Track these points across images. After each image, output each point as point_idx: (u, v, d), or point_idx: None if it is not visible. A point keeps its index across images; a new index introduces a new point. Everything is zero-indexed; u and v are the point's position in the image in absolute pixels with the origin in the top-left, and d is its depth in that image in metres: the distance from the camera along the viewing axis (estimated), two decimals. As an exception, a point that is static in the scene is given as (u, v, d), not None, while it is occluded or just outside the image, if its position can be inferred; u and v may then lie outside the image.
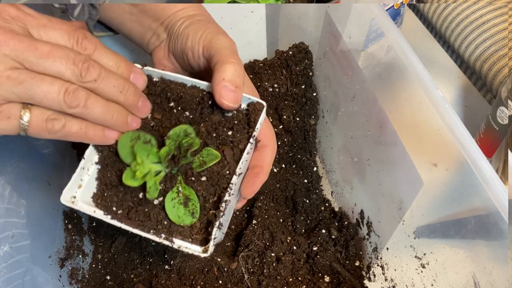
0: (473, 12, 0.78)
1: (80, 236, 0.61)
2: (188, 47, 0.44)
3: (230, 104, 0.40)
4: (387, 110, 0.50)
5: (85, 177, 0.43)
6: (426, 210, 0.46)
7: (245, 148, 0.41)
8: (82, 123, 0.37)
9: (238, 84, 0.40)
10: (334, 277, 0.58)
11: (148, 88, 0.44)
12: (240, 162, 0.41)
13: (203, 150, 0.42)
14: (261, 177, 0.44)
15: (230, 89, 0.40)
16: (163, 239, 0.40)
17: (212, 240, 0.39)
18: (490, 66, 0.74)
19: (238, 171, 0.40)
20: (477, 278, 0.40)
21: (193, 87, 0.44)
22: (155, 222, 0.41)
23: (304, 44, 0.68)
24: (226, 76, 0.40)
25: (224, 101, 0.40)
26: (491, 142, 0.59)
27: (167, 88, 0.43)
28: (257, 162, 0.44)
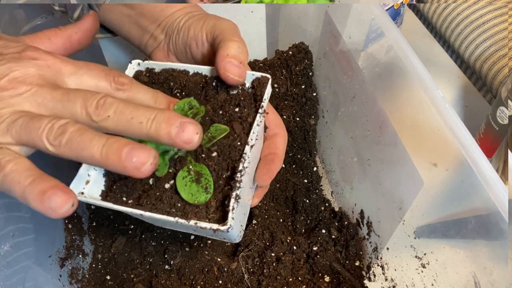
0: (473, 12, 0.78)
1: (80, 236, 0.61)
2: (191, 37, 0.44)
3: (235, 77, 0.40)
4: (387, 110, 0.50)
5: (92, 172, 0.41)
6: (426, 210, 0.46)
7: (254, 120, 0.40)
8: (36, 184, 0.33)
9: (242, 60, 0.40)
10: (334, 277, 0.58)
11: (150, 77, 0.43)
12: (251, 133, 0.39)
13: (211, 127, 0.41)
14: (276, 163, 0.44)
15: (235, 64, 0.40)
16: (178, 217, 0.37)
17: (231, 211, 0.36)
18: (490, 66, 0.74)
19: (250, 142, 0.39)
20: (478, 278, 0.40)
21: (195, 74, 0.43)
22: (168, 205, 0.39)
23: (304, 44, 0.68)
24: (230, 52, 0.40)
25: (229, 74, 0.40)
26: (491, 142, 0.59)
27: (170, 77, 0.43)
28: (271, 150, 0.45)
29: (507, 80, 0.55)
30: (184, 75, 0.43)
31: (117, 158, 0.31)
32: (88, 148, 0.32)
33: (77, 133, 0.32)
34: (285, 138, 0.46)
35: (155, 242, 0.61)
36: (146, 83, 0.43)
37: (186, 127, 0.33)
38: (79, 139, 0.32)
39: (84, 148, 0.32)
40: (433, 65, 0.80)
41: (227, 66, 0.40)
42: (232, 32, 0.42)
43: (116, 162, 0.32)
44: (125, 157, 0.31)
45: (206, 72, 0.43)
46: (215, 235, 0.40)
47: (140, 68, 0.44)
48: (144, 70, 0.44)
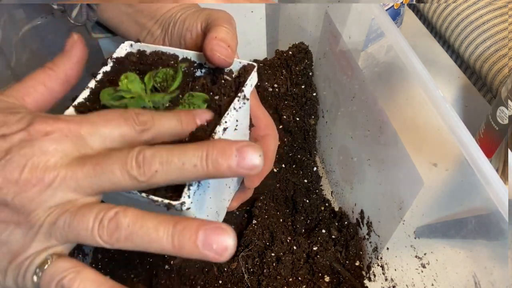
0: (473, 12, 0.78)
1: (80, 236, 0.61)
2: (186, 28, 0.44)
3: (222, 56, 0.38)
4: (387, 110, 0.50)
5: None
6: (426, 210, 0.46)
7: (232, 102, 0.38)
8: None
9: (230, 44, 0.39)
10: (334, 277, 0.58)
11: (139, 58, 0.43)
12: (225, 114, 0.37)
13: (186, 95, 0.39)
14: (267, 165, 0.43)
15: (222, 46, 0.38)
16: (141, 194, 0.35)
17: (186, 187, 0.33)
18: (490, 66, 0.74)
19: (224, 124, 0.36)
20: (478, 278, 0.40)
21: (184, 59, 0.42)
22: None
23: (304, 44, 0.68)
24: (218, 35, 0.39)
25: (215, 52, 0.38)
26: (491, 142, 0.59)
27: (159, 60, 0.42)
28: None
29: (507, 80, 0.55)
30: (173, 60, 0.42)
31: (194, 248, 0.28)
32: (156, 241, 0.28)
33: (135, 226, 0.28)
34: (276, 139, 0.45)
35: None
36: (134, 63, 0.42)
37: (245, 152, 0.29)
38: (141, 232, 0.28)
39: (150, 242, 0.29)
40: (433, 65, 0.80)
41: (215, 46, 0.38)
42: (224, 20, 0.41)
43: (194, 252, 0.28)
44: (202, 245, 0.28)
45: (194, 57, 0.42)
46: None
47: (131, 50, 0.44)
48: (136, 52, 0.44)
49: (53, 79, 0.36)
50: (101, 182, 0.30)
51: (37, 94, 0.35)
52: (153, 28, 0.48)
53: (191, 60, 0.42)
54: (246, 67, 0.41)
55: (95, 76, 0.41)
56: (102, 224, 0.29)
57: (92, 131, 0.31)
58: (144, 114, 0.33)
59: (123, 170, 0.29)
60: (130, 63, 0.43)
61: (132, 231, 0.29)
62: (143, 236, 0.28)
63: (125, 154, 0.30)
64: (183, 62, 0.41)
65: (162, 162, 0.29)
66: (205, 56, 0.39)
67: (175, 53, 0.43)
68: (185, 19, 0.44)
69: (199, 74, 0.42)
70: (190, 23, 0.44)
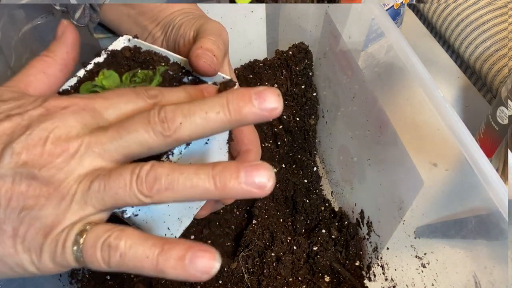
0: (473, 12, 0.78)
1: (80, 236, 0.61)
2: (181, 34, 0.44)
3: (207, 62, 0.38)
4: (387, 110, 0.50)
5: None
6: (426, 210, 0.46)
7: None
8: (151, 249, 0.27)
9: (216, 53, 0.39)
10: (334, 277, 0.58)
11: (132, 54, 0.43)
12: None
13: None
14: None
15: (208, 55, 0.38)
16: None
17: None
18: (490, 66, 0.74)
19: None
20: (478, 278, 0.40)
21: (174, 64, 0.42)
22: None
23: (304, 44, 0.68)
24: (204, 45, 0.39)
25: (201, 58, 0.38)
26: (491, 142, 0.59)
27: (150, 60, 0.42)
28: None
29: (507, 80, 0.55)
30: (164, 62, 0.42)
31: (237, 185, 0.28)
32: (198, 184, 0.28)
33: (175, 173, 0.28)
34: (257, 155, 0.44)
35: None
36: (127, 58, 0.42)
37: (264, 94, 0.29)
38: (181, 178, 0.28)
39: (193, 186, 0.28)
40: (433, 65, 0.80)
41: (200, 54, 0.38)
42: (212, 32, 0.41)
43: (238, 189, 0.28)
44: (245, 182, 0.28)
45: (184, 64, 0.42)
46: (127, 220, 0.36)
47: (128, 44, 0.44)
48: (132, 47, 0.44)
49: (52, 65, 0.36)
50: (127, 144, 0.29)
51: (38, 83, 0.35)
52: (154, 31, 0.48)
53: (180, 65, 0.42)
54: (228, 83, 0.39)
55: (85, 65, 0.41)
56: (140, 178, 0.28)
57: (107, 105, 0.32)
58: (152, 89, 0.33)
59: (147, 128, 0.29)
60: (123, 57, 0.43)
61: (172, 179, 0.28)
62: (185, 182, 0.28)
63: (147, 113, 0.29)
64: (167, 66, 0.40)
65: (185, 114, 0.29)
66: (191, 65, 0.39)
67: (167, 56, 0.43)
68: (181, 25, 0.45)
69: (186, 81, 0.42)
70: (184, 30, 0.44)
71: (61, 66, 0.36)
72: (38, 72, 0.35)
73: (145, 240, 0.28)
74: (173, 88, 0.34)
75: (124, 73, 0.41)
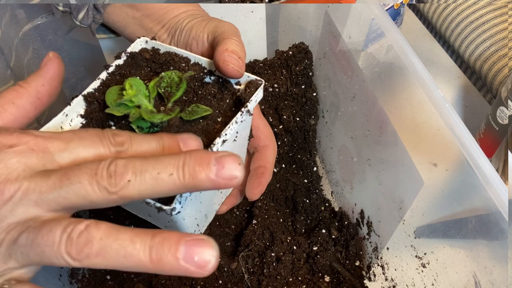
0: (473, 12, 0.78)
1: (80, 236, 0.61)
2: (193, 37, 0.44)
3: (236, 67, 0.39)
4: (387, 110, 0.50)
5: (66, 126, 0.39)
6: (426, 210, 0.46)
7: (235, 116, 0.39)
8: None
9: (241, 56, 0.40)
10: (334, 277, 0.58)
11: (152, 56, 0.43)
12: (226, 127, 0.37)
13: (192, 105, 0.40)
14: (266, 176, 0.43)
15: (234, 57, 0.39)
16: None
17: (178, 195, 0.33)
18: (490, 66, 0.74)
19: (223, 136, 0.37)
20: (478, 278, 0.40)
21: (195, 64, 0.43)
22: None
23: (304, 44, 0.68)
24: (229, 47, 0.40)
25: (228, 64, 0.39)
26: (491, 142, 0.59)
27: (171, 61, 0.43)
28: (261, 163, 0.44)
29: (507, 80, 0.55)
30: (185, 62, 0.43)
31: (174, 261, 0.26)
32: (132, 254, 0.25)
33: (110, 238, 0.26)
34: (274, 150, 0.46)
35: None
36: (147, 60, 0.43)
37: (224, 161, 0.27)
38: (115, 245, 0.26)
39: (126, 256, 0.25)
40: (433, 65, 0.80)
41: (227, 58, 0.39)
42: (232, 33, 0.42)
43: (174, 266, 0.26)
44: (183, 258, 0.26)
45: (205, 64, 0.43)
46: (163, 219, 0.37)
47: (146, 46, 0.44)
48: (150, 49, 0.44)
49: (24, 96, 0.33)
50: (68, 195, 0.27)
51: (6, 113, 0.32)
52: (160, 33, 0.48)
53: (201, 66, 0.43)
54: (253, 82, 0.42)
55: (107, 68, 0.42)
56: (71, 239, 0.26)
57: (62, 147, 0.29)
58: (121, 135, 0.31)
59: (92, 180, 0.27)
60: (143, 59, 0.43)
61: (105, 245, 0.25)
62: (118, 249, 0.25)
63: (97, 164, 0.27)
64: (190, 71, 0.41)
65: (135, 172, 0.27)
66: (217, 68, 0.40)
67: (188, 57, 0.43)
68: (192, 28, 0.45)
69: (208, 81, 0.43)
70: (196, 32, 0.44)
71: (33, 99, 0.34)
72: (7, 103, 0.33)
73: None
74: (146, 136, 0.33)
75: (145, 75, 0.42)
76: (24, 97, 0.33)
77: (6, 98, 0.33)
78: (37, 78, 0.34)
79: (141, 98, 0.38)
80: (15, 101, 0.33)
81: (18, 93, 0.33)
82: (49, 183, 0.27)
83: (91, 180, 0.27)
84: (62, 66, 0.35)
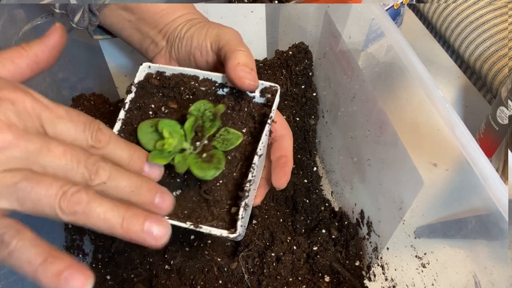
0: (473, 12, 0.78)
1: (80, 236, 0.61)
2: (195, 46, 0.45)
3: (251, 82, 0.41)
4: (387, 110, 0.50)
5: None
6: (426, 210, 0.46)
7: (263, 129, 0.41)
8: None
9: (252, 67, 0.41)
10: (334, 277, 0.58)
11: (160, 81, 0.44)
12: (259, 142, 0.40)
13: (221, 130, 0.41)
14: (289, 165, 0.45)
15: (247, 71, 0.41)
16: (189, 226, 0.39)
17: (240, 220, 0.38)
18: (490, 66, 0.74)
19: (259, 152, 0.40)
20: (478, 278, 0.40)
21: (205, 80, 0.44)
22: (175, 212, 0.40)
23: (304, 44, 0.68)
24: (240, 61, 0.41)
25: (245, 80, 0.41)
26: (491, 142, 0.59)
27: (181, 82, 0.44)
28: (281, 152, 0.45)
29: (507, 80, 0.55)
30: (194, 80, 0.44)
31: (140, 232, 0.32)
32: (109, 219, 0.31)
33: (95, 203, 0.31)
34: (291, 138, 0.47)
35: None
36: (156, 86, 0.44)
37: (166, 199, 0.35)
38: (98, 210, 0.31)
39: (105, 220, 0.31)
40: (433, 65, 0.80)
41: (241, 73, 0.40)
42: (237, 42, 0.43)
43: (138, 236, 0.32)
44: (146, 231, 0.32)
45: (215, 78, 0.44)
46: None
47: (150, 71, 0.45)
48: (155, 73, 0.45)
49: (23, 58, 0.36)
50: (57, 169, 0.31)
51: (4, 69, 0.35)
52: (157, 38, 0.48)
53: (211, 80, 0.44)
54: (269, 89, 0.43)
55: (123, 106, 0.43)
56: (65, 196, 0.30)
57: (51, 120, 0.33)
58: (104, 134, 0.35)
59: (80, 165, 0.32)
60: (152, 86, 0.44)
61: (90, 208, 0.31)
62: (99, 213, 0.31)
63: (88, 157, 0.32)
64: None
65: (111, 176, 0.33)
66: (233, 84, 0.41)
67: (196, 74, 0.44)
68: (193, 36, 0.45)
69: (222, 93, 0.44)
70: (198, 42, 0.45)
71: (31, 62, 0.36)
72: (7, 59, 0.35)
73: (35, 247, 0.30)
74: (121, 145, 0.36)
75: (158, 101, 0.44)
76: (23, 58, 0.36)
77: (6, 55, 0.36)
78: (39, 44, 0.37)
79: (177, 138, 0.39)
80: (14, 60, 0.35)
81: (19, 53, 0.36)
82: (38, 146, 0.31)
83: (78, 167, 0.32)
84: (65, 38, 0.38)
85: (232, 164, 0.41)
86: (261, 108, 0.43)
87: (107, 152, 0.35)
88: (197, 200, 0.41)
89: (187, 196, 0.41)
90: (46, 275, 0.29)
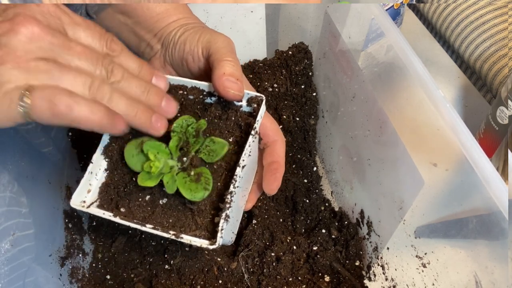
0: (473, 12, 0.78)
1: (81, 235, 0.61)
2: (187, 51, 0.45)
3: (236, 92, 0.41)
4: (387, 110, 0.50)
5: (93, 182, 0.43)
6: (426, 210, 0.46)
7: (247, 141, 0.41)
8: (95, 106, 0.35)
9: (238, 77, 0.42)
10: (334, 277, 0.58)
11: None
12: (242, 154, 0.40)
13: (207, 140, 0.42)
14: (280, 170, 0.45)
15: (232, 81, 0.41)
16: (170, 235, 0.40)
17: (220, 231, 0.38)
18: (490, 66, 0.74)
19: (242, 163, 0.40)
20: (479, 278, 0.40)
21: (193, 88, 0.45)
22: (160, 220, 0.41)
23: (304, 44, 0.68)
24: (226, 71, 0.41)
25: (229, 90, 0.41)
26: (491, 142, 0.59)
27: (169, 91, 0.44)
28: (273, 158, 0.46)
29: (507, 80, 0.55)
30: (183, 89, 0.45)
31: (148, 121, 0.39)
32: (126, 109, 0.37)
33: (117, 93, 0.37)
34: (283, 144, 0.47)
35: (155, 242, 0.61)
36: None
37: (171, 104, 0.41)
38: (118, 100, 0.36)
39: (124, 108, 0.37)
40: (433, 65, 0.80)
41: (226, 83, 0.41)
42: (226, 51, 0.43)
43: (146, 124, 0.39)
44: (154, 121, 0.39)
45: (203, 87, 0.45)
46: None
47: None
48: None
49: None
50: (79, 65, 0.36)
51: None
52: (152, 42, 0.48)
53: (199, 89, 0.45)
54: (254, 98, 0.44)
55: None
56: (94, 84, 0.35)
57: (70, 23, 0.36)
58: (117, 44, 0.39)
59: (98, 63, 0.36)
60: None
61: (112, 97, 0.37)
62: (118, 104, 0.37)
63: (105, 57, 0.37)
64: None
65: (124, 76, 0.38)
66: (218, 93, 0.42)
67: (184, 84, 0.45)
68: (186, 41, 0.46)
69: (209, 101, 0.45)
70: (190, 47, 0.45)
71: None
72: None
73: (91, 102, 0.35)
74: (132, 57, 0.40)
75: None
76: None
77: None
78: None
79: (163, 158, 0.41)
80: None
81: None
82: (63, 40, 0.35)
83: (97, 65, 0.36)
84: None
85: (217, 173, 0.42)
86: (248, 117, 0.44)
87: (120, 62, 0.39)
88: (182, 209, 0.42)
89: (172, 204, 0.42)
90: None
